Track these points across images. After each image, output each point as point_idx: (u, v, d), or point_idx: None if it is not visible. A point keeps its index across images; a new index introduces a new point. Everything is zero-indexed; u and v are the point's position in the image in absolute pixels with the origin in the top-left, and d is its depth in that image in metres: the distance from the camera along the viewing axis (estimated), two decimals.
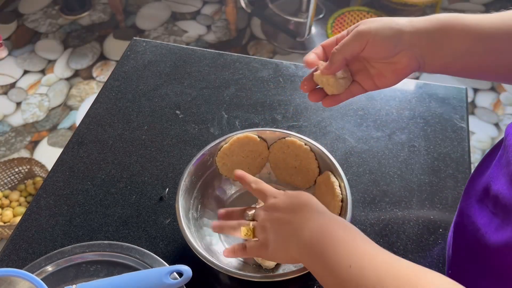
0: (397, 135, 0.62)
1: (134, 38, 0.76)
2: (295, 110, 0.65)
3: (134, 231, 0.53)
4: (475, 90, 1.68)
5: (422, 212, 0.54)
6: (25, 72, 1.75)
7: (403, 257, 0.50)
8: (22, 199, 1.30)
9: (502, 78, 0.40)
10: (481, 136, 1.51)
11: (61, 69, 1.76)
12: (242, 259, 0.50)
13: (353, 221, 0.53)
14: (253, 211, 0.50)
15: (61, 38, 1.88)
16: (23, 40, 1.87)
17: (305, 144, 0.51)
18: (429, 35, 0.37)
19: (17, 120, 1.59)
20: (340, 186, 0.47)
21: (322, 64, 0.42)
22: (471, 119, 1.55)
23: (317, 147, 0.50)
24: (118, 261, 0.49)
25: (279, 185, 0.55)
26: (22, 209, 1.28)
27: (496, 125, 1.55)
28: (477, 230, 0.36)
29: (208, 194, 0.53)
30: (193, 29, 1.92)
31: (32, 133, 1.55)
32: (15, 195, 1.30)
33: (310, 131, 0.62)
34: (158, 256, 0.48)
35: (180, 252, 0.51)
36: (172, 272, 0.44)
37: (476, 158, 1.43)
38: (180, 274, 0.44)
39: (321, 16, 1.90)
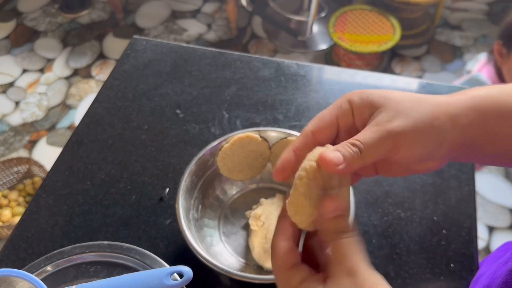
0: None
1: (134, 36, 0.75)
2: (296, 110, 0.65)
3: (134, 231, 0.52)
4: None
5: (425, 213, 0.53)
6: (24, 71, 1.74)
7: (405, 258, 0.50)
8: (21, 199, 1.30)
9: None
10: None
11: (60, 68, 1.75)
12: (243, 260, 0.49)
13: (356, 222, 0.52)
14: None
15: (61, 37, 1.87)
16: (22, 39, 1.86)
17: None
18: (477, 127, 0.28)
19: (16, 119, 1.58)
20: None
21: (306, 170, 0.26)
22: None
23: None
24: (118, 261, 0.48)
25: (280, 186, 0.55)
26: (21, 209, 1.27)
27: None
28: None
29: (208, 195, 0.53)
30: (194, 27, 1.91)
31: (31, 132, 1.54)
32: (14, 194, 1.29)
33: None
34: (158, 256, 0.48)
35: (181, 253, 0.50)
36: (172, 273, 0.44)
37: None
38: (181, 275, 0.43)
39: (323, 14, 1.90)
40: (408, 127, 0.27)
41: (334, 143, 0.28)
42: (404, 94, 0.28)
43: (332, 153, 0.25)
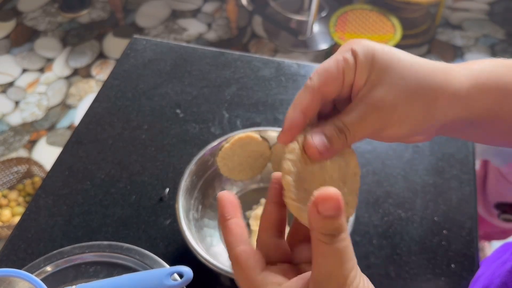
0: None
1: (134, 36, 0.75)
2: None
3: (134, 231, 0.52)
4: None
5: (426, 213, 0.53)
6: (24, 70, 1.74)
7: (406, 259, 0.50)
8: (20, 199, 1.30)
9: None
10: None
11: (60, 68, 1.75)
12: None
13: (357, 222, 0.52)
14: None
15: (60, 36, 1.87)
16: (22, 38, 1.86)
17: None
18: (476, 104, 0.26)
19: (15, 119, 1.58)
20: None
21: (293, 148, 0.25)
22: None
23: None
24: (118, 262, 0.48)
25: None
26: (20, 209, 1.27)
27: None
28: None
29: (208, 195, 0.52)
30: (194, 27, 1.91)
31: (31, 132, 1.54)
32: (13, 194, 1.29)
33: None
34: (158, 257, 0.48)
35: (181, 253, 0.50)
36: (172, 273, 0.43)
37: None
38: (181, 275, 0.43)
39: (323, 14, 1.89)
40: (401, 107, 0.25)
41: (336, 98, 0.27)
42: (413, 65, 0.25)
43: (318, 139, 0.25)
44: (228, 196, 0.26)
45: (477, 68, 0.27)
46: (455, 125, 0.27)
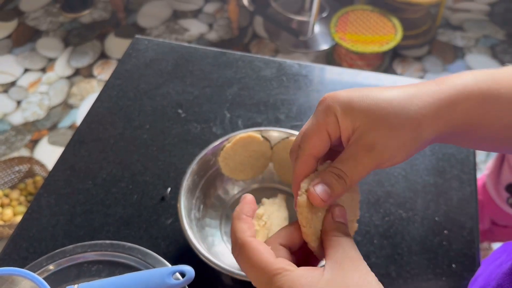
0: None
1: (136, 36, 0.75)
2: (298, 110, 0.65)
3: (135, 231, 0.52)
4: None
5: (427, 213, 0.53)
6: (26, 70, 1.75)
7: (407, 259, 0.50)
8: (22, 198, 1.30)
9: None
10: None
11: (61, 68, 1.75)
12: None
13: (358, 222, 0.52)
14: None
15: (62, 36, 1.87)
16: (24, 38, 1.87)
17: None
18: (458, 123, 0.27)
19: (17, 118, 1.58)
20: None
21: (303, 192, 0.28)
22: None
23: None
24: (120, 261, 0.48)
25: (282, 186, 0.55)
26: (22, 208, 1.27)
27: None
28: None
29: (210, 194, 0.53)
30: (195, 27, 1.91)
31: (33, 132, 1.54)
32: (15, 194, 1.29)
33: None
34: (160, 256, 0.48)
35: (182, 252, 0.50)
36: (174, 273, 0.44)
37: (480, 159, 1.42)
38: (183, 274, 0.43)
39: (324, 15, 1.90)
40: (391, 144, 0.26)
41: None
42: (391, 102, 0.27)
43: (320, 189, 0.27)
44: (250, 198, 0.30)
45: (452, 81, 0.28)
46: (440, 139, 0.28)
